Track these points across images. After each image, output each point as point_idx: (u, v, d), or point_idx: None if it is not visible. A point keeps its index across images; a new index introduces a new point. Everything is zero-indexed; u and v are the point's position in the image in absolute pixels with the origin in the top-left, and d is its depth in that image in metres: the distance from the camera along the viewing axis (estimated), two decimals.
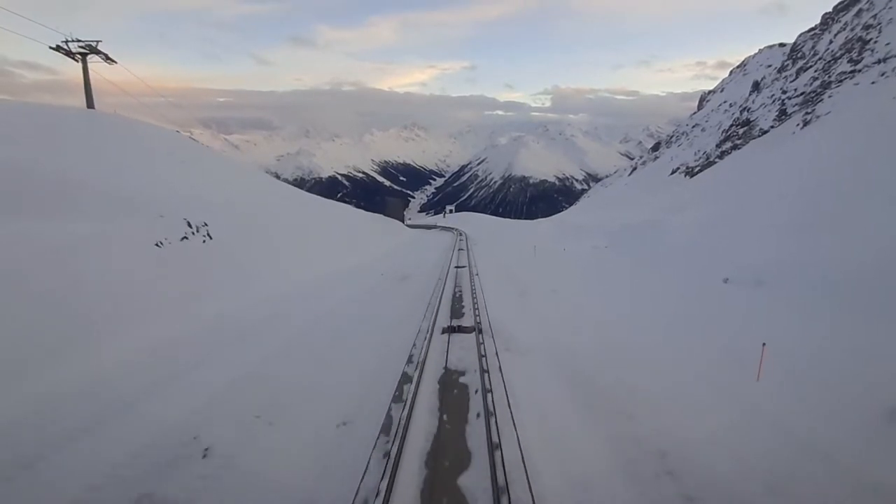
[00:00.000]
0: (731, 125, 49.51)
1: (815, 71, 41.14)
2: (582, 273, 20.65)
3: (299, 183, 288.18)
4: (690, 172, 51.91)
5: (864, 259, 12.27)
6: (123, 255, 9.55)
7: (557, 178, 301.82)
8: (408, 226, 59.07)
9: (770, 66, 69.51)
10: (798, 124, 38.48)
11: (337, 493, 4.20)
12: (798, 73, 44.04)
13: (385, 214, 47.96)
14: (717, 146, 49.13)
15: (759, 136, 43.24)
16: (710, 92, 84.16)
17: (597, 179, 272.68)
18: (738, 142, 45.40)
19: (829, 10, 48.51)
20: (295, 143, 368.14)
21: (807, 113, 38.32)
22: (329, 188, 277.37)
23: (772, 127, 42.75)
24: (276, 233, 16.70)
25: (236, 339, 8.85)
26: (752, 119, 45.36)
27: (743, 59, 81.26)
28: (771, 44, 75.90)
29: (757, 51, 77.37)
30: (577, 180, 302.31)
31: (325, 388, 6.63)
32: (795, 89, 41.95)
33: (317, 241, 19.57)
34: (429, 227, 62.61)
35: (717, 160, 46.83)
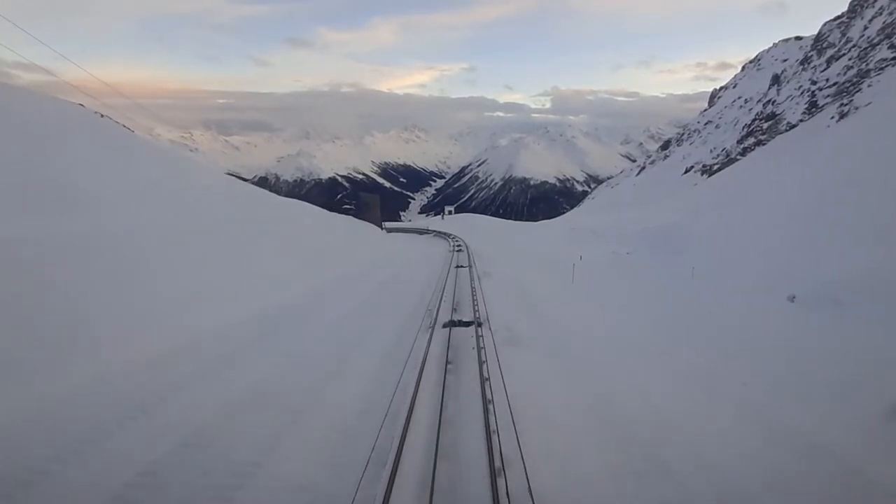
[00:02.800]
0: (754, 120, 46.11)
1: (850, 59, 37.73)
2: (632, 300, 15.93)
3: (299, 184, 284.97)
4: (708, 171, 48.48)
5: None
6: None
7: (558, 179, 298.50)
8: (388, 231, 44.21)
9: (786, 59, 66.29)
10: (833, 116, 35.05)
11: None
12: (829, 63, 40.64)
13: (358, 216, 35.13)
14: (739, 142, 45.72)
15: (787, 130, 39.80)
16: (721, 88, 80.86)
17: (598, 181, 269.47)
18: (763, 137, 41.96)
19: None
20: (295, 145, 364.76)
21: (842, 104, 34.88)
22: (329, 190, 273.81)
23: (801, 121, 39.31)
24: None
25: None
26: (777, 112, 41.94)
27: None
28: (786, 37, 72.65)
29: (771, 44, 74.12)
30: (577, 181, 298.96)
31: None
32: (827, 79, 38.54)
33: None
34: (421, 232, 45.60)
35: (738, 157, 43.40)
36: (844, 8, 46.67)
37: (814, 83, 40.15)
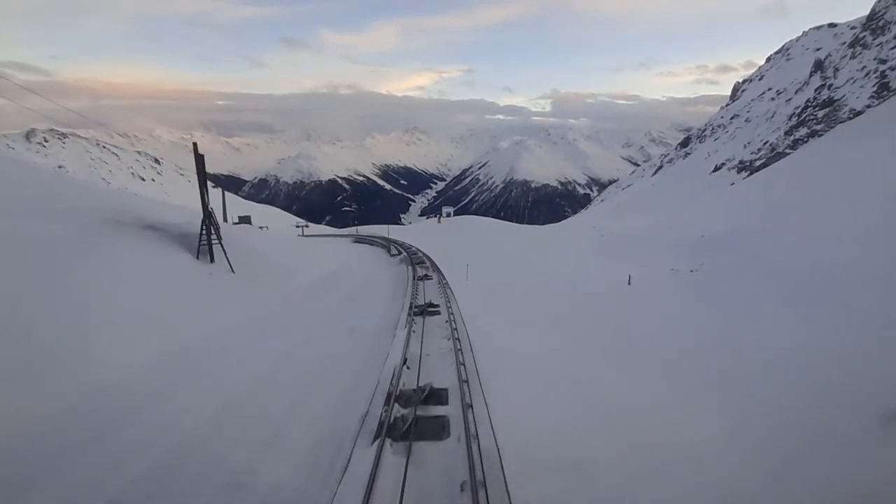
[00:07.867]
0: (805, 108, 40.00)
1: None
2: None
3: (299, 186, 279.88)
4: (748, 167, 42.41)
5: None
6: None
7: (560, 182, 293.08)
8: (303, 235, 29.06)
9: (820, 47, 60.53)
10: None
11: None
12: None
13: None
14: (787, 134, 39.56)
15: (850, 118, 33.72)
16: (745, 81, 75.00)
17: (600, 183, 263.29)
18: (818, 127, 35.88)
19: None
20: (295, 147, 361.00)
21: None
22: (329, 191, 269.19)
23: (868, 106, 33.25)
24: None
25: None
26: (836, 98, 35.83)
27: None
28: (817, 25, 66.97)
29: (801, 33, 68.36)
30: (579, 184, 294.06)
31: None
32: None
33: None
34: (393, 253, 23.67)
35: (788, 151, 37.31)
36: (848, 8, 41.40)
37: (882, 62, 34.12)
